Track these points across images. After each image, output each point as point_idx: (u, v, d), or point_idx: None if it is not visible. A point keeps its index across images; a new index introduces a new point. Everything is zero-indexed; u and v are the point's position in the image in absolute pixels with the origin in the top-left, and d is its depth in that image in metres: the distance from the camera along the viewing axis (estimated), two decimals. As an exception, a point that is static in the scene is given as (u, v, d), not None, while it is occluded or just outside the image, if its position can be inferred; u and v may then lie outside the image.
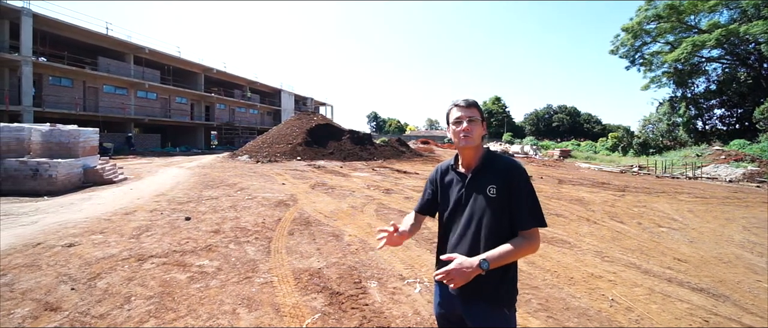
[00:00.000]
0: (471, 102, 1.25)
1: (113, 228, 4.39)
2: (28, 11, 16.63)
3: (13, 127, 7.84)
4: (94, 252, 3.49)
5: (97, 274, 2.97)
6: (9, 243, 3.71)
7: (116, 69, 22.03)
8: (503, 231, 1.17)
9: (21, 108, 16.30)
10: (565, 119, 58.82)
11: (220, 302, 2.58)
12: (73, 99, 19.54)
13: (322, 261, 3.45)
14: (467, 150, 1.24)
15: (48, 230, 4.23)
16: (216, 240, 4.02)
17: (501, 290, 1.16)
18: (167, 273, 3.04)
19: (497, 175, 1.19)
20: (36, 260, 3.26)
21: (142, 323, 2.25)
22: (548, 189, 9.13)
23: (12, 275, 2.91)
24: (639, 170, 17.11)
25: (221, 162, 14.61)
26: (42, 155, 7.87)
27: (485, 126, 1.27)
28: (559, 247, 4.18)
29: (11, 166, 7.10)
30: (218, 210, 5.58)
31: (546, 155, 27.50)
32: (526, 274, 3.30)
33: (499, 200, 1.16)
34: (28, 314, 2.30)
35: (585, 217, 5.90)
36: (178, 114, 26.89)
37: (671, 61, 23.71)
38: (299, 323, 2.33)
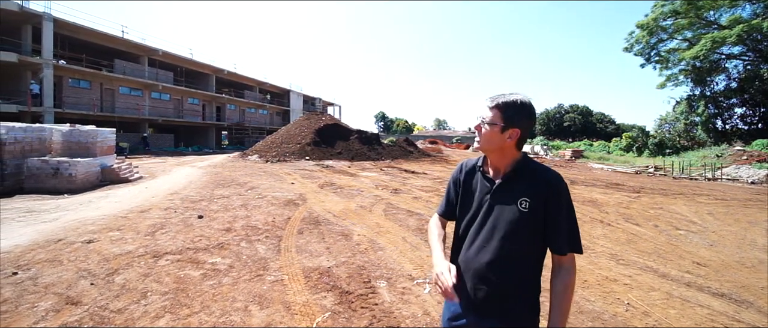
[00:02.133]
0: (494, 104, 1.08)
1: (129, 225, 4.51)
2: (49, 16, 17.24)
3: (36, 128, 8.14)
4: (112, 249, 3.60)
5: (114, 270, 3.06)
6: (32, 239, 3.86)
7: (132, 71, 22.66)
8: (531, 252, 1.04)
9: (42, 109, 16.91)
10: (577, 119, 57.59)
11: (233, 299, 2.62)
12: (91, 100, 20.18)
13: (331, 260, 3.46)
14: (487, 154, 1.13)
15: (68, 227, 4.38)
16: (228, 238, 4.09)
17: (524, 314, 1.04)
18: (181, 270, 3.11)
19: (533, 187, 1.03)
20: (57, 255, 3.37)
21: (158, 318, 2.30)
22: (560, 190, 8.96)
23: (35, 269, 3.02)
24: (655, 171, 16.64)
25: (232, 162, 14.85)
26: (62, 155, 8.15)
27: (513, 134, 1.05)
28: (571, 249, 4.10)
29: (34, 165, 7.38)
30: (229, 209, 5.67)
31: (557, 156, 27.02)
32: (538, 276, 3.25)
33: (531, 216, 1.01)
34: (51, 308, 2.38)
35: (598, 219, 5.77)
36: (190, 114, 27.46)
37: (689, 58, 22.95)
38: (310, 322, 2.35)
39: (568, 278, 1.02)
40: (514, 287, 1.04)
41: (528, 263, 1.05)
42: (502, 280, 1.03)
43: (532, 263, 1.06)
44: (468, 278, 1.09)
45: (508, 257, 1.03)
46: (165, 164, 14.06)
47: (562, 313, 1.01)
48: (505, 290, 1.03)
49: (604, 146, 32.88)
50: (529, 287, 1.05)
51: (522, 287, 1.04)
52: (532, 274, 1.06)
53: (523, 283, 1.04)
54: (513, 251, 1.03)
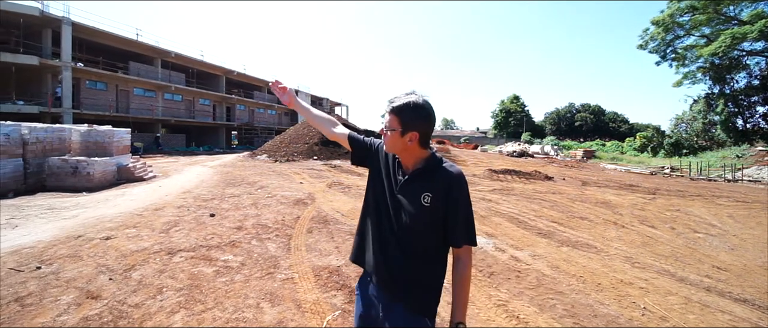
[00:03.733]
0: (391, 108, 1.10)
1: (145, 223, 4.63)
2: (68, 20, 17.82)
3: (56, 128, 8.43)
4: (129, 245, 3.70)
5: (131, 266, 3.14)
6: (54, 235, 4.00)
7: (145, 73, 23.23)
8: (431, 242, 1.10)
9: (61, 110, 17.50)
10: (589, 118, 56.40)
11: (245, 295, 2.66)
12: (107, 101, 20.77)
13: (340, 259, 3.48)
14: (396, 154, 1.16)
15: (87, 224, 4.52)
16: (239, 236, 4.15)
17: (427, 300, 1.11)
18: (195, 267, 3.18)
19: (435, 182, 1.08)
20: (78, 251, 3.49)
21: (174, 314, 2.36)
22: (571, 191, 8.80)
23: (57, 264, 3.13)
24: (671, 172, 16.17)
25: (242, 161, 15.07)
26: (80, 154, 8.42)
27: (413, 136, 1.08)
28: (584, 251, 4.02)
29: (54, 164, 7.64)
30: (240, 207, 5.76)
31: (568, 156, 26.53)
32: (550, 278, 3.20)
33: (432, 210, 1.07)
34: (73, 301, 2.47)
35: (612, 220, 5.65)
36: (201, 115, 28.00)
37: (707, 55, 22.21)
38: (320, 320, 2.37)
39: (464, 270, 1.09)
40: (416, 277, 1.10)
41: (430, 254, 1.11)
42: (406, 268, 1.09)
43: (434, 255, 1.12)
44: (375, 263, 1.15)
45: (411, 247, 1.09)
46: (177, 163, 14.36)
47: (461, 304, 1.09)
48: (407, 278, 1.09)
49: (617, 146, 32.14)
50: (431, 277, 1.11)
51: (424, 276, 1.10)
52: (433, 264, 1.12)
53: (425, 272, 1.10)
54: (416, 242, 1.09)
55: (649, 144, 26.84)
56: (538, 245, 4.18)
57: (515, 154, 24.25)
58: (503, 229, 4.86)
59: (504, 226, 5.02)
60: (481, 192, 8.06)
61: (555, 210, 6.29)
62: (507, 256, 3.76)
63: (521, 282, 3.11)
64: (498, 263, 3.55)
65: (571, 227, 5.09)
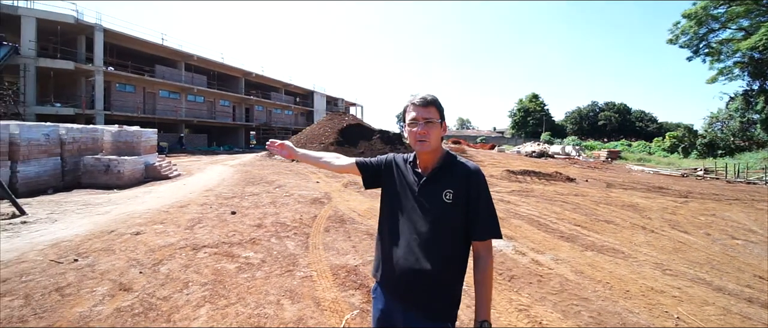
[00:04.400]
0: (429, 100, 1.11)
1: (171, 219, 4.83)
2: (99, 26, 18.88)
3: (89, 129, 8.95)
4: (157, 240, 3.87)
5: (159, 260, 3.28)
6: (89, 230, 4.24)
7: (170, 75, 24.25)
8: (454, 241, 1.08)
9: (94, 112, 18.55)
10: (613, 117, 54.04)
11: (266, 292, 2.72)
12: (135, 103, 21.84)
13: (358, 259, 3.50)
14: (424, 154, 1.14)
15: (118, 220, 4.77)
16: (259, 234, 4.25)
17: (447, 304, 1.09)
18: (218, 262, 3.28)
19: (456, 179, 1.09)
20: (110, 245, 3.68)
21: (199, 307, 2.44)
22: (595, 193, 8.47)
23: (92, 257, 3.31)
24: (705, 174, 15.24)
25: (260, 160, 15.46)
26: (111, 153, 8.89)
27: (445, 126, 1.15)
28: (610, 256, 3.86)
29: (88, 162, 8.11)
30: (259, 206, 5.90)
31: (591, 156, 25.53)
32: (574, 284, 3.08)
33: (455, 207, 1.07)
34: (107, 292, 2.61)
35: (640, 224, 5.38)
36: (221, 116, 28.93)
37: (746, 49, 20.80)
38: (339, 318, 2.39)
39: (486, 266, 1.07)
40: (439, 280, 1.07)
41: (453, 254, 1.09)
42: (428, 272, 1.06)
43: (457, 255, 1.10)
44: (396, 271, 1.11)
45: (435, 248, 1.07)
46: (200, 162, 14.91)
47: (484, 302, 1.07)
48: (430, 281, 1.06)
49: (644, 147, 30.64)
50: (453, 280, 1.09)
51: (446, 278, 1.08)
52: (456, 265, 1.10)
53: (447, 275, 1.08)
54: (439, 241, 1.07)
55: (679, 144, 25.43)
56: (561, 249, 4.04)
57: (534, 155, 23.58)
58: (523, 231, 4.73)
59: (524, 228, 4.89)
60: (499, 193, 7.89)
61: (578, 213, 6.07)
62: (527, 259, 3.66)
63: (543, 287, 3.01)
64: (518, 266, 3.47)
65: (595, 231, 4.89)
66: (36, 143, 7.22)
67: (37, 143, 7.26)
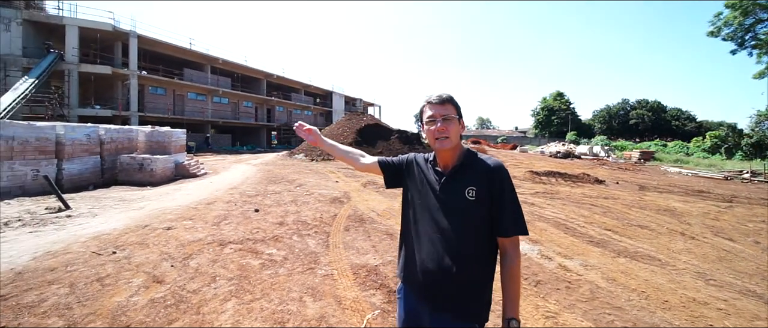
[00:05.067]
0: (445, 98, 1.11)
1: (199, 216, 5.04)
2: (134, 33, 20.06)
3: (125, 129, 9.52)
4: (186, 235, 4.05)
5: (189, 255, 3.43)
6: (125, 224, 4.51)
7: (197, 78, 25.39)
8: (479, 239, 1.06)
9: (129, 113, 19.74)
10: (646, 116, 50.90)
11: (289, 289, 2.77)
12: (166, 105, 23.05)
13: (378, 259, 3.50)
14: (444, 151, 1.12)
15: (152, 215, 5.04)
16: (281, 231, 4.35)
17: (476, 304, 1.06)
18: (243, 258, 3.38)
19: (478, 176, 1.07)
20: (145, 239, 3.89)
21: (226, 301, 2.53)
22: (627, 196, 8.02)
23: (129, 250, 3.52)
24: (752, 177, 14.04)
25: (281, 160, 15.85)
26: (145, 152, 9.42)
27: (463, 124, 1.15)
28: (646, 263, 3.63)
29: (124, 161, 8.63)
30: (281, 204, 6.04)
31: (621, 157, 24.23)
32: (606, 291, 2.93)
33: (479, 204, 1.05)
34: (142, 284, 2.75)
35: (678, 230, 5.04)
36: (245, 116, 29.94)
37: (799, 41, 18.95)
38: (360, 318, 2.39)
39: (512, 264, 1.05)
40: (465, 279, 1.04)
41: (478, 252, 1.06)
42: (453, 271, 1.04)
43: (483, 254, 1.07)
44: (421, 271, 1.10)
45: (459, 246, 1.05)
46: (225, 161, 15.49)
47: (512, 299, 1.04)
48: (457, 281, 1.04)
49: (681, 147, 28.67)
50: (480, 279, 1.07)
51: (473, 278, 1.05)
52: (482, 264, 1.07)
53: (474, 274, 1.06)
54: (463, 239, 1.05)
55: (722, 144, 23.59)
56: (591, 255, 3.85)
57: (559, 156, 22.68)
58: (549, 235, 4.55)
59: (549, 232, 4.71)
60: (523, 195, 7.65)
61: (608, 217, 5.76)
62: (554, 264, 3.52)
63: (572, 294, 2.88)
64: (544, 271, 3.33)
65: (628, 236, 4.63)
66: (79, 143, 7.77)
67: (80, 143, 7.81)
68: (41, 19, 17.63)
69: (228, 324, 2.24)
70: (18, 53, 16.70)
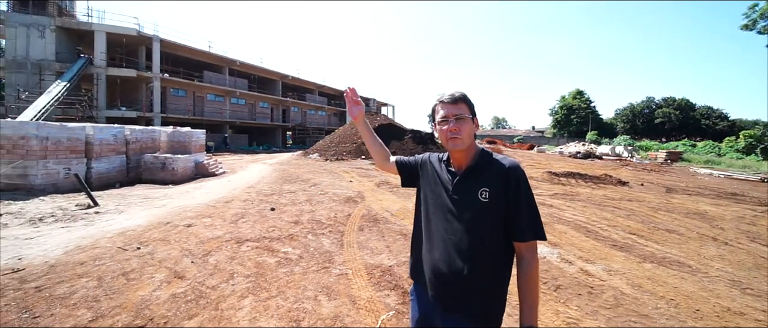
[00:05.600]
0: (458, 97, 1.09)
1: (218, 214, 5.17)
2: (157, 38, 20.89)
3: (149, 130, 9.92)
4: (206, 233, 4.16)
5: (208, 251, 3.52)
6: (149, 221, 4.68)
7: (216, 80, 26.17)
8: (493, 242, 1.03)
9: (152, 114, 20.56)
10: (673, 115, 48.37)
11: (304, 287, 2.79)
12: (186, 106, 23.87)
13: (392, 259, 3.48)
14: (457, 152, 1.10)
15: (173, 212, 5.21)
16: (296, 230, 4.40)
17: (490, 309, 1.03)
18: (260, 256, 3.44)
19: (492, 177, 1.04)
20: (167, 235, 4.03)
21: (243, 298, 2.57)
22: (653, 199, 7.65)
23: (152, 246, 3.65)
24: (789, 179, 13.12)
25: (296, 160, 16.10)
26: (167, 152, 9.78)
27: (477, 123, 1.12)
28: (674, 270, 3.44)
29: (148, 160, 8.99)
30: (296, 203, 6.12)
31: (646, 158, 23.20)
32: (631, 298, 2.79)
33: (492, 206, 1.02)
34: (164, 279, 2.84)
35: (710, 235, 4.76)
36: (261, 117, 30.61)
37: None
38: (375, 318, 2.38)
39: (530, 269, 1.01)
40: (478, 280, 1.01)
41: (492, 255, 1.03)
42: (465, 273, 1.01)
43: (497, 257, 1.03)
44: (432, 272, 1.08)
45: (472, 249, 1.02)
46: (242, 160, 15.88)
47: (530, 306, 1.00)
48: (468, 283, 1.01)
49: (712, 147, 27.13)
50: (493, 282, 1.03)
51: (485, 280, 1.02)
52: (496, 267, 1.03)
53: (486, 277, 1.02)
54: (476, 242, 1.02)
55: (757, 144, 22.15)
56: (614, 259, 3.69)
57: (579, 156, 21.94)
58: (569, 238, 4.40)
59: (569, 235, 4.55)
60: (541, 196, 7.44)
61: (633, 220, 5.51)
62: (575, 269, 3.39)
63: (595, 300, 2.76)
64: (565, 275, 3.22)
65: (654, 241, 4.41)
66: (106, 143, 8.15)
67: (107, 143, 8.19)
68: (72, 25, 18.62)
69: (245, 320, 2.28)
70: (52, 58, 17.72)
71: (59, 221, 4.60)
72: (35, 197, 6.18)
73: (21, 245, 3.59)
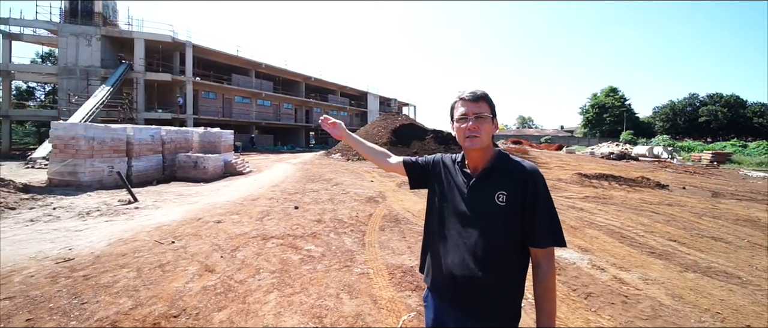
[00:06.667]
0: (479, 95, 1.05)
1: (245, 211, 5.38)
2: (189, 43, 22.12)
3: (182, 131, 10.51)
4: (234, 229, 4.34)
5: (236, 247, 3.67)
6: (182, 217, 4.96)
7: (243, 83, 27.27)
8: (508, 246, 1.00)
9: (185, 116, 21.79)
10: (720, 113, 44.31)
11: (326, 284, 2.84)
12: (216, 108, 25.08)
13: (414, 260, 3.45)
14: (474, 151, 1.06)
15: (204, 209, 5.49)
16: (319, 229, 4.49)
17: (505, 315, 1.01)
18: (284, 253, 3.54)
19: (509, 180, 1.01)
20: (198, 231, 4.25)
21: (269, 293, 2.66)
22: (696, 203, 7.08)
23: (185, 240, 3.86)
24: None
25: (319, 159, 16.42)
26: (198, 151, 10.32)
27: (497, 123, 1.08)
28: (721, 280, 3.16)
29: (181, 159, 9.53)
30: (319, 202, 6.24)
31: (689, 159, 21.50)
32: (671, 310, 2.59)
33: (508, 210, 0.99)
34: (196, 272, 3.00)
35: (763, 244, 4.32)
36: (285, 117, 31.56)
37: None
38: (396, 318, 2.37)
39: (546, 277, 0.98)
40: (492, 285, 0.99)
41: (507, 260, 1.00)
42: (479, 278, 0.99)
43: (512, 262, 1.01)
44: (445, 276, 1.06)
45: (486, 254, 0.99)
46: (267, 160, 16.44)
47: (547, 315, 0.98)
48: (482, 288, 0.99)
49: (767, 148, 24.64)
50: (509, 287, 1.01)
51: (501, 286, 1.00)
52: (512, 273, 1.01)
53: (501, 282, 1.00)
54: (491, 246, 0.99)
55: (821, 145, 19.83)
56: (652, 267, 3.44)
57: (613, 157, 20.70)
58: (601, 244, 4.16)
59: (601, 240, 4.30)
60: (570, 199, 7.10)
61: (673, 226, 5.13)
62: (608, 276, 3.20)
63: (630, 310, 2.59)
64: (596, 283, 3.05)
65: (698, 249, 4.07)
66: (145, 143, 8.73)
67: (146, 143, 8.77)
68: (115, 34, 20.13)
69: (270, 315, 2.35)
70: (97, 64, 19.25)
71: (104, 215, 4.98)
72: (83, 192, 6.74)
73: (71, 237, 3.92)
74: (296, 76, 32.29)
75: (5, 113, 18.96)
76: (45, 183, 7.36)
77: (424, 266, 1.20)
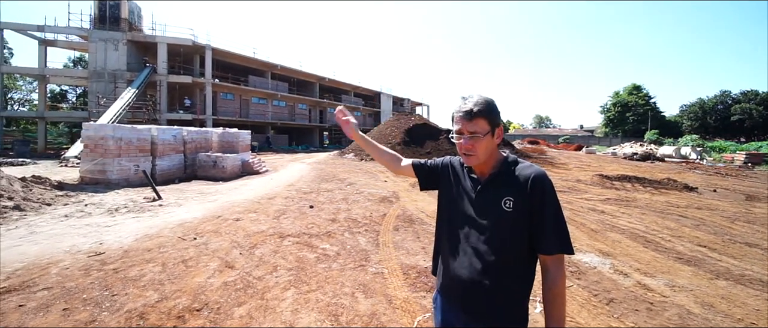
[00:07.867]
0: (475, 112, 0.99)
1: (262, 209, 5.51)
2: (209, 47, 22.86)
3: (202, 131, 10.87)
4: (252, 227, 4.46)
5: (254, 244, 3.77)
6: (203, 214, 5.14)
7: (260, 84, 27.92)
8: (516, 252, 1.00)
9: (205, 117, 22.52)
10: (755, 110, 41.65)
11: (341, 283, 2.87)
12: (234, 109, 25.79)
13: (427, 261, 3.44)
14: (473, 165, 1.07)
15: (223, 207, 5.66)
16: (333, 228, 4.54)
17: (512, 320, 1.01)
18: (300, 251, 3.61)
19: (517, 185, 1.00)
20: (218, 228, 4.39)
21: (286, 290, 2.71)
22: (728, 207, 6.70)
23: (206, 237, 3.99)
24: None
25: (333, 159, 16.60)
26: (217, 151, 10.64)
27: (500, 132, 1.05)
28: (756, 289, 2.98)
29: (201, 158, 9.86)
30: (333, 201, 6.32)
31: (720, 160, 20.35)
32: (701, 318, 2.47)
33: (516, 216, 0.98)
34: (217, 268, 3.10)
35: (805, 251, 4.04)
36: (300, 118, 32.08)
37: None
38: (411, 318, 2.37)
39: (555, 284, 0.98)
40: (499, 290, 1.00)
41: (514, 266, 1.00)
42: (486, 284, 1.00)
43: (519, 267, 1.01)
44: (453, 279, 1.07)
45: (493, 259, 1.00)
46: (282, 160, 16.77)
47: (557, 322, 0.98)
48: (489, 292, 1.00)
49: (805, 148, 22.98)
50: (516, 291, 1.01)
51: (507, 291, 1.00)
52: (519, 278, 1.01)
53: (508, 288, 1.00)
54: (498, 252, 1.00)
55: None
56: (679, 274, 3.29)
57: (636, 158, 19.87)
58: (624, 248, 4.01)
59: (625, 244, 4.14)
60: (591, 201, 6.88)
61: (702, 231, 4.87)
62: (631, 282, 3.08)
63: (655, 317, 2.49)
64: (619, 288, 2.94)
65: (730, 255, 3.85)
66: (167, 143, 9.09)
67: (168, 143, 9.13)
68: (140, 38, 21.05)
69: (288, 311, 2.40)
70: (124, 68, 20.19)
71: (131, 212, 5.22)
72: (111, 190, 7.09)
73: (102, 232, 4.14)
74: (310, 76, 32.75)
75: (42, 114, 20.22)
76: (77, 181, 7.80)
77: (437, 268, 1.21)
